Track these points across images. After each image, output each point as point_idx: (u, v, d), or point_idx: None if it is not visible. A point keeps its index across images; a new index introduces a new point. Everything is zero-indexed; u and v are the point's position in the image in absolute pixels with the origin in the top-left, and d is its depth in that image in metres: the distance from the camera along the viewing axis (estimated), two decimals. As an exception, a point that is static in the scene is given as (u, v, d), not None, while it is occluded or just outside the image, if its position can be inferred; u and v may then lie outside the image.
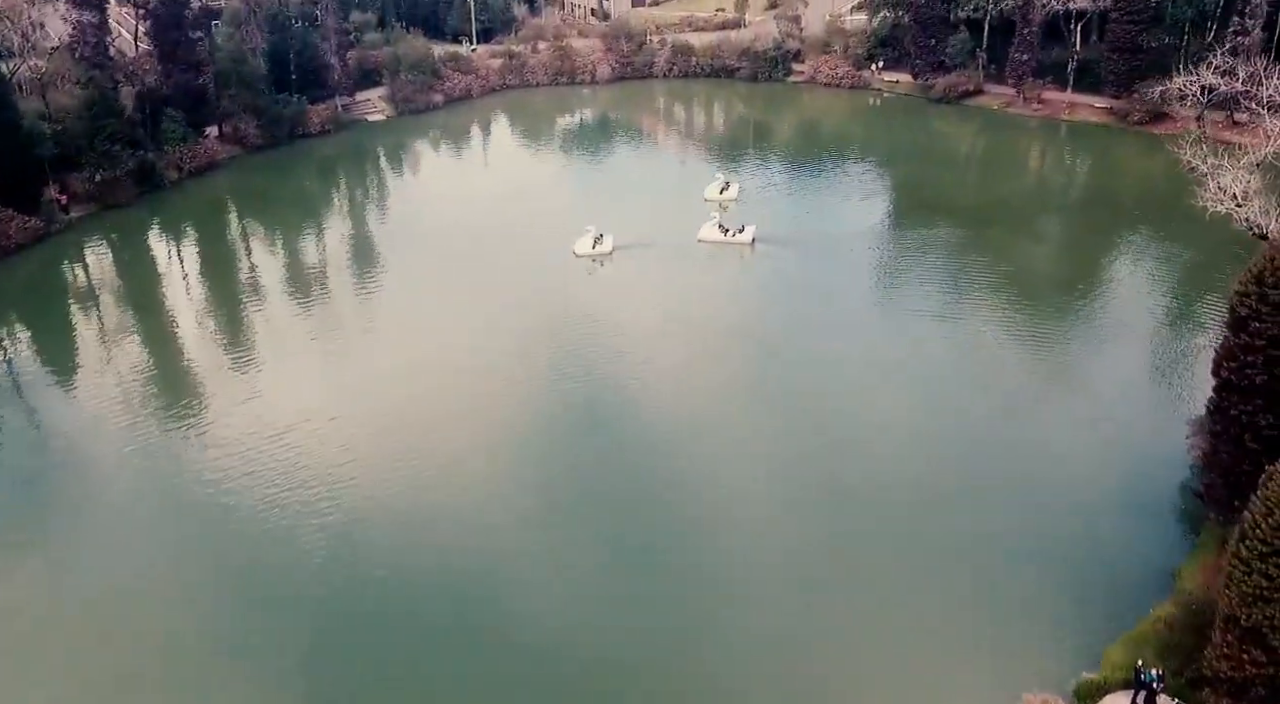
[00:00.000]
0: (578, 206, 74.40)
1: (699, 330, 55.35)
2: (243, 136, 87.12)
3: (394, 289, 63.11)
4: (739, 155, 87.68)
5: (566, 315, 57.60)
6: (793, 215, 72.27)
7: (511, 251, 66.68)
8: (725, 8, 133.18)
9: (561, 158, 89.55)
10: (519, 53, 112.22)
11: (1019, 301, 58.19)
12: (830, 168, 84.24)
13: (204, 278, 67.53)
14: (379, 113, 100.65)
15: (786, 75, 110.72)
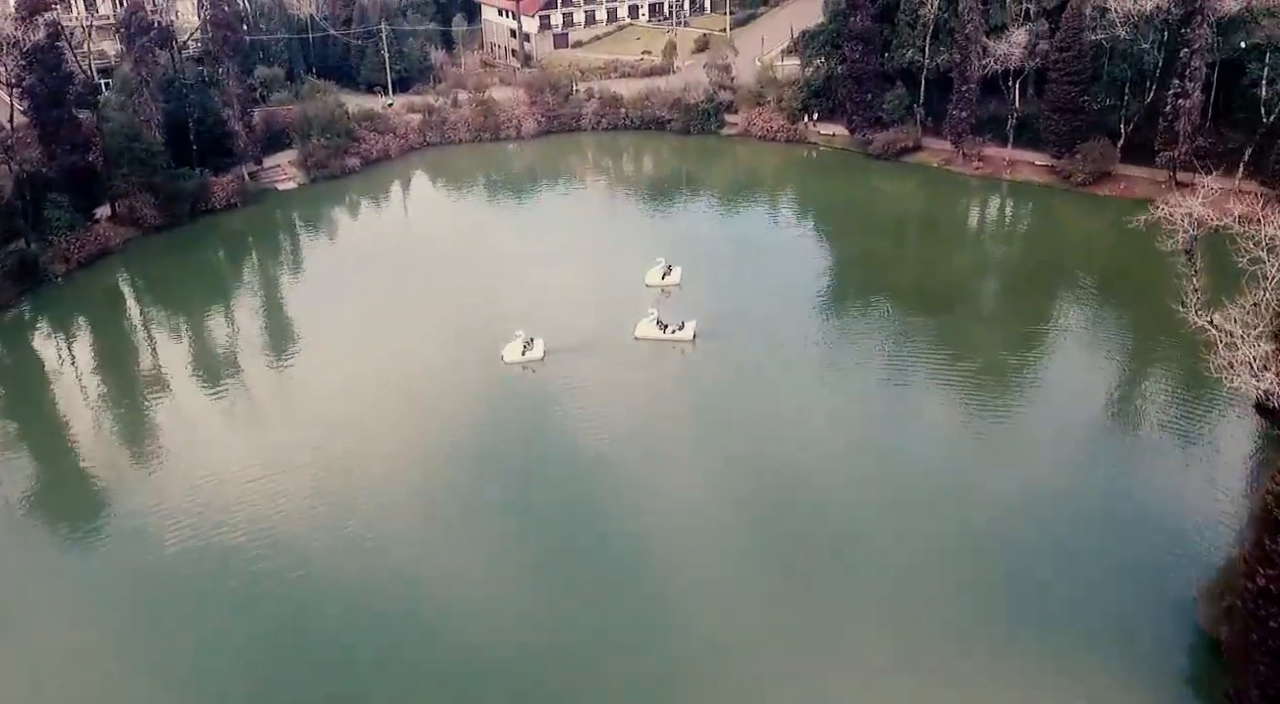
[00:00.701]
0: (505, 293, 69.61)
1: (641, 444, 52.09)
2: (139, 217, 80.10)
3: (306, 393, 57.94)
4: (677, 226, 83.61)
5: (498, 434, 53.21)
6: (735, 302, 68.17)
7: (436, 355, 61.55)
8: (651, 50, 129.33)
9: (487, 232, 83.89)
10: (439, 108, 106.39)
11: (975, 404, 55.28)
12: (772, 238, 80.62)
13: (99, 378, 62.76)
14: (290, 180, 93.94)
15: (719, 128, 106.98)
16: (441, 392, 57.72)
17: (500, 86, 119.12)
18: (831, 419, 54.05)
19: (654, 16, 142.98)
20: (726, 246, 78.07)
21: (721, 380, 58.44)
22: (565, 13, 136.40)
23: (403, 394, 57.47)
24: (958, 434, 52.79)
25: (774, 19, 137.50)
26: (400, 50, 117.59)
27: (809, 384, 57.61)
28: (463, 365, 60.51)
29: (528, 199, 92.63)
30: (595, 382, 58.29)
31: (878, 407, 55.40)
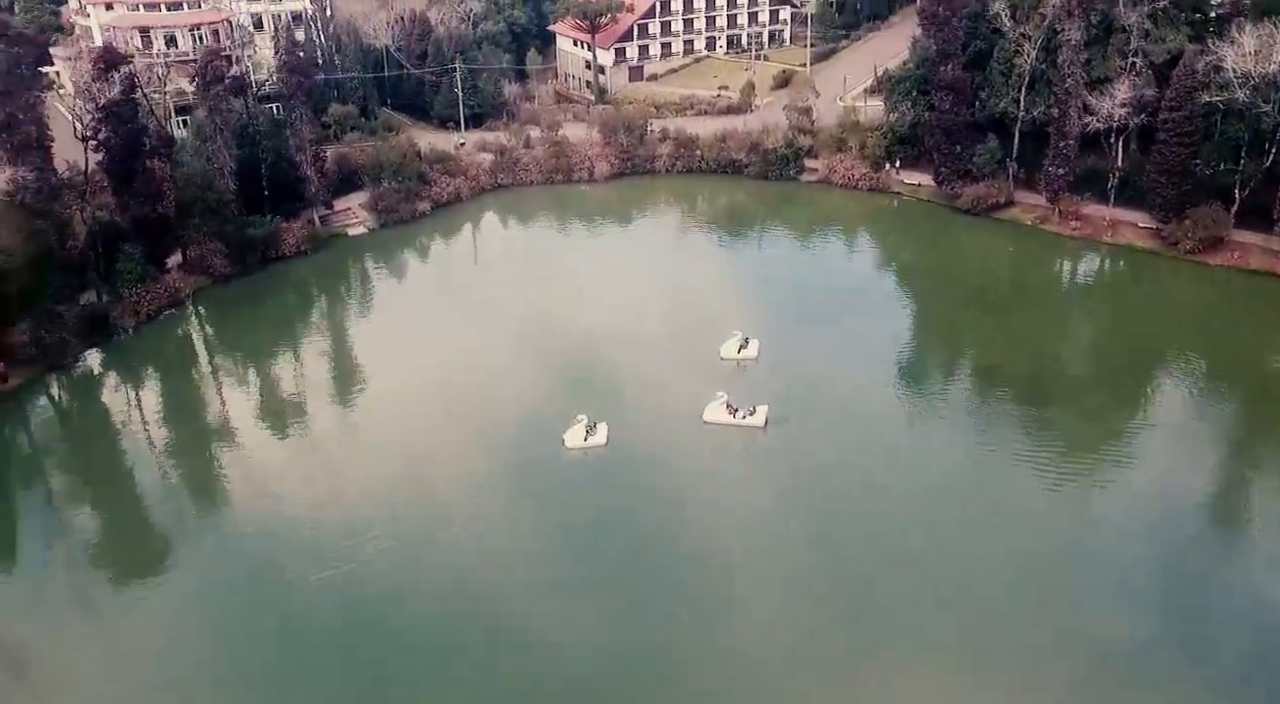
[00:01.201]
0: (570, 359, 67.21)
1: (706, 545, 49.38)
2: (209, 266, 79.29)
3: (368, 473, 56.17)
4: (753, 284, 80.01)
5: (557, 528, 50.91)
6: (811, 379, 64.45)
7: (498, 436, 59.08)
8: (728, 86, 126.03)
9: (555, 287, 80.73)
10: (511, 149, 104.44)
11: (1071, 511, 50.84)
12: (853, 301, 76.17)
13: (166, 429, 62.84)
14: (360, 224, 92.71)
15: (799, 174, 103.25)
16: (500, 476, 55.44)
17: (573, 123, 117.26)
18: (908, 525, 50.14)
19: (732, 49, 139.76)
20: (804, 311, 74.25)
21: (795, 474, 54.95)
22: (641, 45, 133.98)
23: (461, 475, 55.39)
24: (1047, 543, 48.46)
25: (856, 53, 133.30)
26: (474, 86, 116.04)
27: (886, 479, 53.88)
28: (524, 447, 58.05)
29: (598, 250, 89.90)
30: (659, 471, 55.44)
31: (961, 511, 51.21)
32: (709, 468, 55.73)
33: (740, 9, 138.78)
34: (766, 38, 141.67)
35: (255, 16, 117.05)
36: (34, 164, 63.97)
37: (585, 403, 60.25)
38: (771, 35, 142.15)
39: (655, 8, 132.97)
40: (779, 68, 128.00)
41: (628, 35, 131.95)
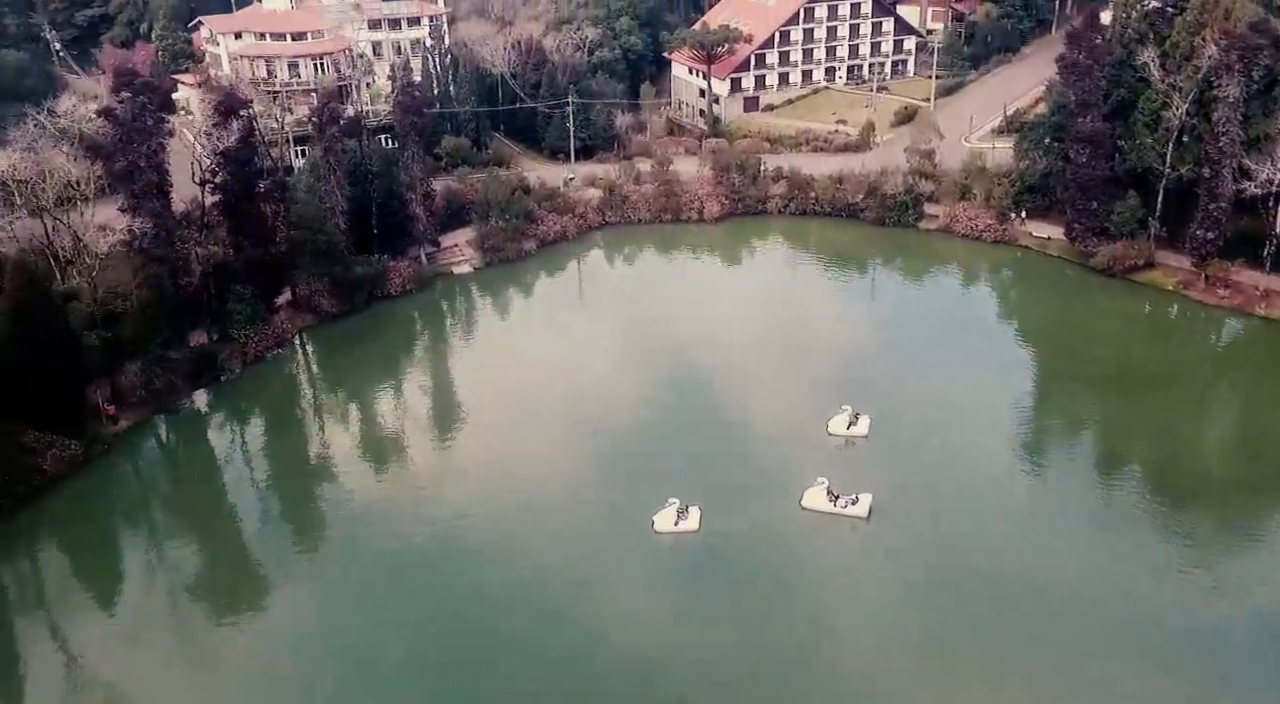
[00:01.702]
0: (665, 431, 64.64)
1: (803, 653, 46.39)
2: (316, 305, 79.75)
3: (455, 546, 55.37)
4: (865, 345, 76.08)
5: (643, 623, 48.50)
6: (924, 465, 60.44)
7: (585, 513, 57.04)
8: (846, 120, 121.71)
9: (655, 340, 78.30)
10: (620, 186, 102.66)
11: (1229, 642, 45.62)
12: (975, 371, 71.47)
13: (268, 471, 64.53)
14: (466, 262, 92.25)
15: (918, 220, 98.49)
16: (585, 558, 53.36)
17: (685, 157, 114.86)
18: (1023, 643, 45.85)
19: (852, 79, 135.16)
20: (920, 380, 70.00)
21: (900, 577, 51.22)
22: (758, 75, 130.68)
23: (545, 555, 53.59)
24: (1188, 671, 43.64)
25: (984, 87, 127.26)
26: (586, 118, 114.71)
27: (998, 587, 49.53)
28: (612, 527, 55.83)
29: (702, 299, 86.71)
30: (752, 563, 52.60)
31: (1088, 636, 46.57)
32: (804, 562, 52.66)
33: (862, 39, 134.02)
34: (888, 68, 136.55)
35: (375, 44, 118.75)
36: (153, 211, 64.97)
37: (679, 476, 58.04)
38: (894, 66, 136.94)
39: (774, 38, 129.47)
40: (901, 102, 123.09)
41: (744, 65, 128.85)
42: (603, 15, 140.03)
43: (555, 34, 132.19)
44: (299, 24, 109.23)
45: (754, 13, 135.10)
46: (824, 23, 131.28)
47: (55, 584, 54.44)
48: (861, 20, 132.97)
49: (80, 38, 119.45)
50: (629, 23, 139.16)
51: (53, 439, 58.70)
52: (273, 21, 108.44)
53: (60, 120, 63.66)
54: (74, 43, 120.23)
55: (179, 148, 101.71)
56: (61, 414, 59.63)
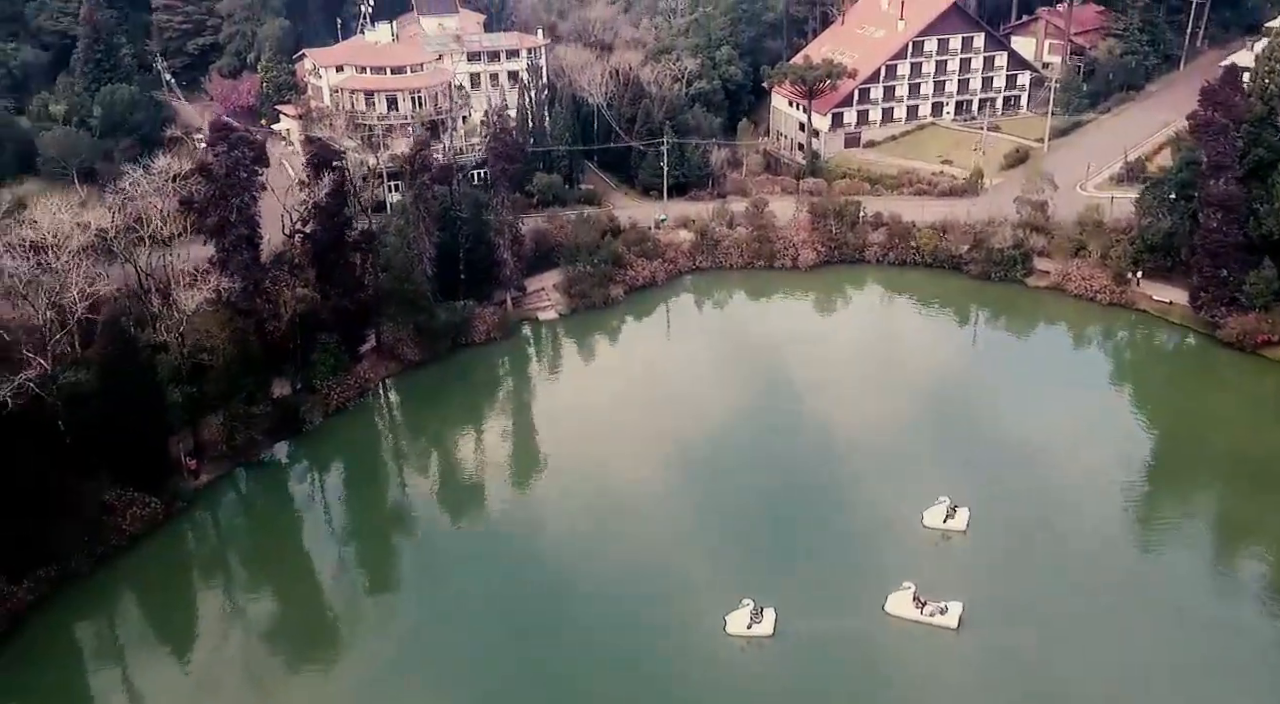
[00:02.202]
0: (742, 515, 61.69)
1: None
2: (400, 353, 79.22)
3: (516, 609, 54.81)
4: (963, 420, 71.66)
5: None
6: (1024, 570, 56.11)
7: (654, 602, 54.52)
8: (952, 160, 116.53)
9: (738, 403, 75.19)
10: (712, 230, 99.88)
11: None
12: (1088, 457, 66.42)
13: (347, 522, 64.84)
14: (551, 308, 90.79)
15: (1026, 275, 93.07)
16: (649, 655, 50.92)
17: (781, 196, 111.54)
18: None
19: (960, 114, 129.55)
20: (1024, 465, 65.47)
21: (988, 697, 47.20)
22: (860, 110, 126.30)
23: (610, 645, 51.72)
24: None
25: (1103, 129, 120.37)
26: (681, 155, 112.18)
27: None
28: (683, 622, 53.09)
29: (792, 356, 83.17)
30: (829, 674, 49.42)
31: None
32: (885, 677, 49.08)
33: (973, 74, 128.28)
34: (1000, 104, 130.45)
35: (473, 76, 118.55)
36: (242, 264, 65.06)
37: (755, 567, 55.43)
38: (1006, 101, 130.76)
39: (880, 72, 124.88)
40: (1012, 143, 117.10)
41: (847, 100, 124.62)
42: (703, 44, 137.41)
43: (654, 64, 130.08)
44: (399, 58, 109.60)
45: (860, 44, 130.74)
46: (933, 57, 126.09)
47: (133, 641, 54.77)
48: (973, 54, 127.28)
49: (191, 65, 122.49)
50: (729, 52, 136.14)
51: (134, 496, 58.98)
52: (373, 55, 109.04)
53: (155, 177, 63.59)
54: (185, 70, 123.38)
55: (276, 180, 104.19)
56: (144, 469, 60.04)
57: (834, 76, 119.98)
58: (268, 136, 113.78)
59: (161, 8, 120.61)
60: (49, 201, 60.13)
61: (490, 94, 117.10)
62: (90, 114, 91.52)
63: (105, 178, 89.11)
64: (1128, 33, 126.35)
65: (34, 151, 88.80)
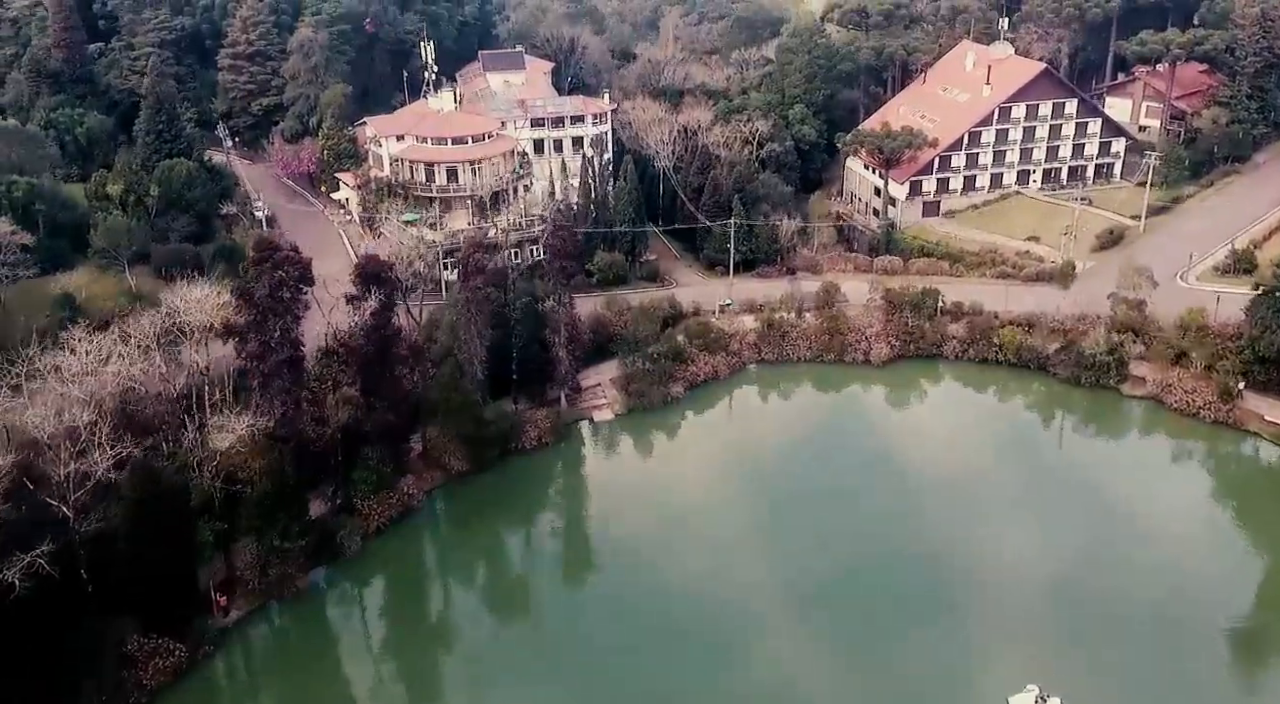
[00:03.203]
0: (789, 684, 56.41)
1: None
2: (445, 463, 75.62)
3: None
4: (1052, 579, 64.77)
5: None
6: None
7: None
8: (1040, 237, 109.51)
9: (796, 538, 69.40)
10: (780, 322, 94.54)
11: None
12: (1200, 625, 59.54)
13: (392, 668, 60.95)
14: (607, 406, 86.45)
15: (1120, 382, 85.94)
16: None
17: (854, 275, 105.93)
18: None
19: (1048, 183, 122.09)
20: (1123, 638, 58.81)
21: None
22: (941, 178, 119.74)
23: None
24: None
25: (1207, 206, 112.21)
26: (749, 229, 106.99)
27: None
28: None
29: (859, 474, 77.07)
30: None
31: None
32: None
33: (1064, 140, 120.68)
34: (1091, 172, 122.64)
35: (537, 142, 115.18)
36: (282, 389, 62.05)
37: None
38: (1098, 169, 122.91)
39: (963, 140, 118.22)
40: (1105, 220, 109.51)
41: (927, 168, 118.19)
42: (775, 101, 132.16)
43: (723, 125, 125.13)
44: (461, 128, 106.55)
45: (942, 107, 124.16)
46: (1020, 123, 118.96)
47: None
48: (1064, 121, 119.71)
49: (255, 125, 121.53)
50: (803, 111, 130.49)
51: (157, 644, 56.04)
52: (435, 125, 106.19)
53: (190, 309, 60.96)
54: (249, 129, 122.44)
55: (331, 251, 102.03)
56: (171, 610, 57.10)
57: (914, 147, 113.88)
58: (327, 205, 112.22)
59: (227, 67, 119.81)
60: (84, 347, 58.09)
61: (553, 170, 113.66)
62: (147, 192, 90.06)
63: (158, 261, 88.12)
64: (1235, 100, 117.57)
65: (88, 233, 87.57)
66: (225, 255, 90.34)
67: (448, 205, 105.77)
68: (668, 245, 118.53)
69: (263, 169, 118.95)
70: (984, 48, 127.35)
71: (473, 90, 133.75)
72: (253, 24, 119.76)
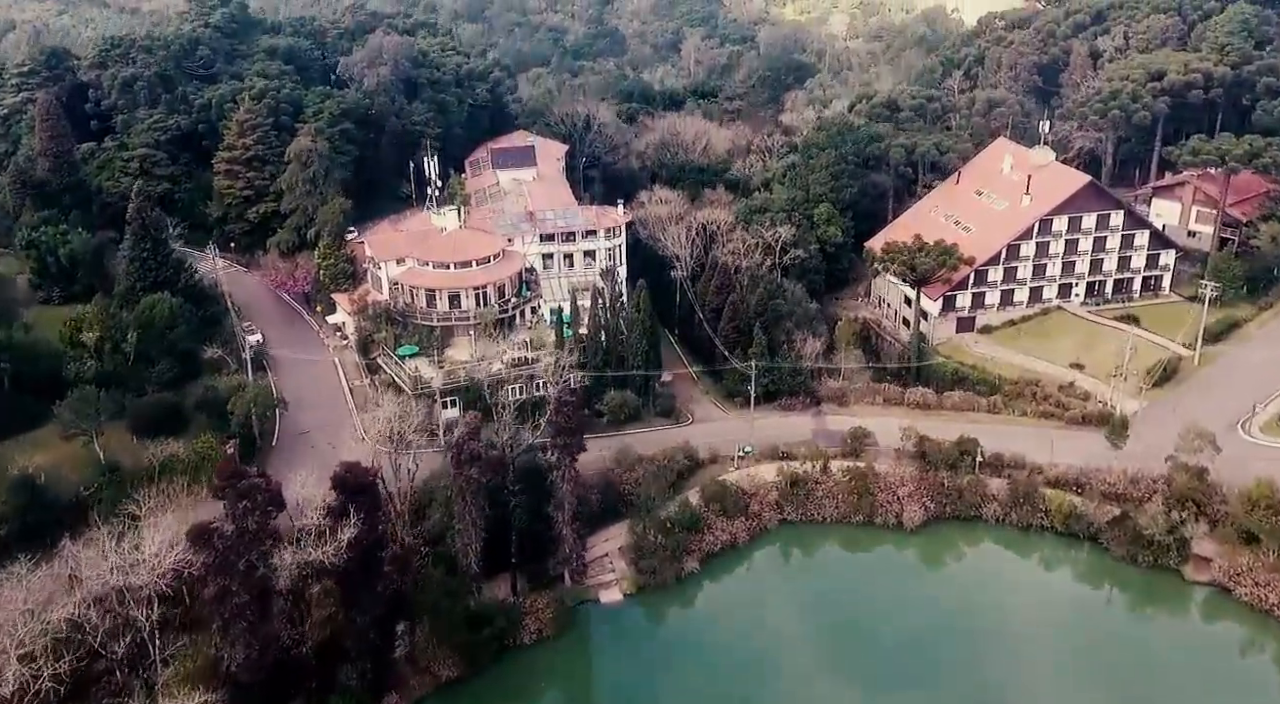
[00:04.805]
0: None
1: None
2: (434, 669, 68.58)
3: None
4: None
5: None
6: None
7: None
8: (1084, 363, 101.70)
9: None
10: (804, 477, 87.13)
11: None
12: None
13: None
14: (615, 584, 79.17)
15: (1182, 563, 77.96)
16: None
17: (883, 409, 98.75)
18: None
19: (1090, 296, 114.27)
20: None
21: None
22: (976, 293, 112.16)
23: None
24: None
25: (1265, 332, 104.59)
26: (770, 354, 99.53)
27: None
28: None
29: (893, 659, 70.01)
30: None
31: None
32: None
33: (1109, 253, 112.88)
34: (1138, 284, 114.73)
35: (545, 257, 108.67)
36: (244, 633, 55.25)
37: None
38: (1145, 282, 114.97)
39: (1000, 254, 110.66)
40: (1155, 349, 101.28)
41: (961, 284, 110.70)
42: (800, 199, 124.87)
43: (743, 230, 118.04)
44: (465, 251, 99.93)
45: (977, 213, 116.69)
46: (1062, 236, 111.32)
47: None
48: (1109, 233, 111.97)
49: (250, 231, 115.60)
50: (829, 210, 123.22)
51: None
52: (438, 248, 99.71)
53: (141, 563, 54.19)
54: (244, 235, 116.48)
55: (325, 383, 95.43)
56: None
57: (948, 266, 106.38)
58: (323, 327, 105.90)
59: (223, 172, 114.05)
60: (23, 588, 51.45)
61: (561, 281, 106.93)
62: (124, 339, 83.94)
63: (135, 418, 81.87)
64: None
65: (60, 379, 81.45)
66: (207, 408, 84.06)
67: (449, 332, 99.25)
68: (683, 360, 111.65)
69: (258, 279, 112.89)
70: (1022, 149, 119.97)
71: (480, 186, 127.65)
72: (250, 127, 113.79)
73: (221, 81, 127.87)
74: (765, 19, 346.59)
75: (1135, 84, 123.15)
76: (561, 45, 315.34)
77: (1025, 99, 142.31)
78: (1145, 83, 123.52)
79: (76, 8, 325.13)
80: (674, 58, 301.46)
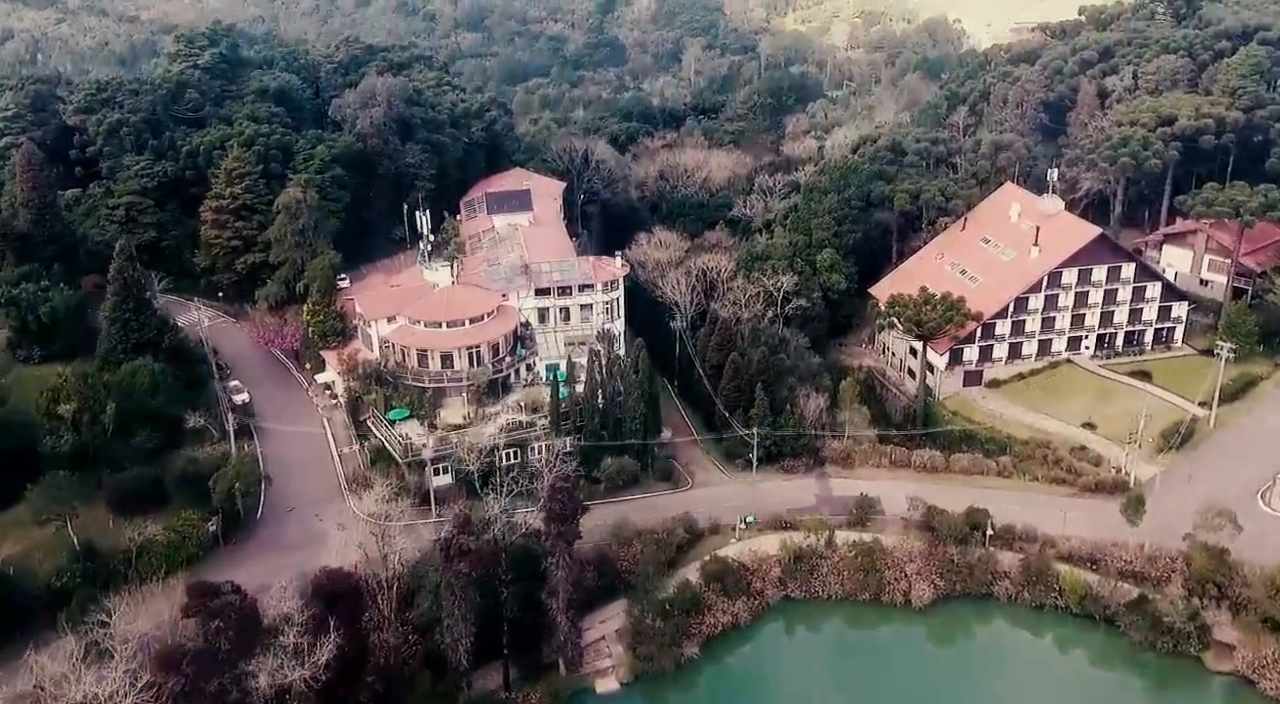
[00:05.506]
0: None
1: None
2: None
3: None
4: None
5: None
6: None
7: None
8: (1096, 423, 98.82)
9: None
10: (808, 552, 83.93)
11: None
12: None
13: None
14: (611, 671, 76.02)
15: (1203, 650, 74.87)
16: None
17: (890, 472, 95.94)
18: None
19: (1101, 349, 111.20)
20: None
21: None
22: (984, 346, 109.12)
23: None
24: None
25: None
26: (772, 415, 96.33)
27: None
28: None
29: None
30: None
31: None
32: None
33: (1119, 306, 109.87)
34: (1150, 337, 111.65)
35: (541, 311, 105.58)
36: None
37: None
38: (1157, 334, 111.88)
39: (1009, 308, 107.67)
40: (1169, 411, 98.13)
41: (969, 337, 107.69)
42: (802, 244, 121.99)
43: (744, 278, 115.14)
44: (458, 309, 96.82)
45: (984, 263, 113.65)
46: (1071, 289, 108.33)
47: None
48: (1120, 285, 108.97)
49: (239, 282, 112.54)
50: (832, 256, 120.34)
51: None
52: (430, 307, 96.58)
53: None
54: (232, 285, 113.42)
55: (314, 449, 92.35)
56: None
57: (955, 322, 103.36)
58: (312, 385, 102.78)
59: (210, 222, 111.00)
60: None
61: (557, 335, 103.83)
62: (103, 410, 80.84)
63: (113, 495, 78.81)
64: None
65: (35, 453, 78.54)
66: (188, 483, 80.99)
67: (441, 393, 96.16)
68: (683, 414, 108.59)
69: (246, 332, 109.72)
70: (1030, 196, 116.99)
71: (475, 231, 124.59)
72: (238, 176, 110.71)
73: (210, 125, 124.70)
74: (766, 29, 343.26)
75: (1145, 130, 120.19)
76: (561, 55, 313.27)
77: (1031, 139, 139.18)
78: (1155, 128, 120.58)
79: (75, 17, 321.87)
80: (675, 68, 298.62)
